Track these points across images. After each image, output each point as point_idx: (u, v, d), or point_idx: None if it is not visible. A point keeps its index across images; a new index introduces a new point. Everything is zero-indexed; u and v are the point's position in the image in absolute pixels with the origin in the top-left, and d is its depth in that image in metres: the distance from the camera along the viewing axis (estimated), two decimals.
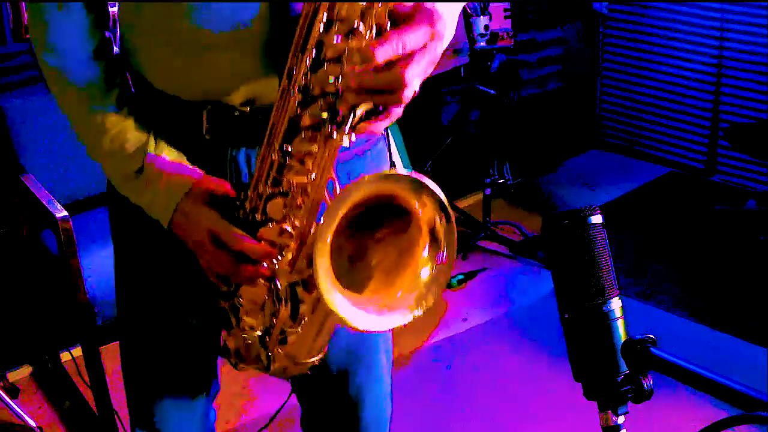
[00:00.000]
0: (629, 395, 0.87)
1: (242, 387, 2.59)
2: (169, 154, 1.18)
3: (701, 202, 3.73)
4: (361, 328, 1.03)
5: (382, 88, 0.99)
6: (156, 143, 1.18)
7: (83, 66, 1.16)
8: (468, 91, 3.53)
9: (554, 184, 3.95)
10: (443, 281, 1.07)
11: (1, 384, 2.50)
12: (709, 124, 3.90)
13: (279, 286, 1.14)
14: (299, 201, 1.09)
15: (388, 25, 0.99)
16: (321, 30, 0.99)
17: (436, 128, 3.66)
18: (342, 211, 1.01)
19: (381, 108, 1.04)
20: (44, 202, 2.19)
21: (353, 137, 1.03)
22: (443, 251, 1.06)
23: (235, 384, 2.59)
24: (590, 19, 4.15)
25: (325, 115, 1.03)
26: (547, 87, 4.08)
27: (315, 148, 1.05)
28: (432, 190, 1.02)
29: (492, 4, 3.25)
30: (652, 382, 0.86)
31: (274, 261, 1.12)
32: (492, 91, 3.34)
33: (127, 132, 1.17)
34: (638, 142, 4.18)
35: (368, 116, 1.06)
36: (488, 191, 3.43)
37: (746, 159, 3.73)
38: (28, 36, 2.65)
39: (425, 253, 1.06)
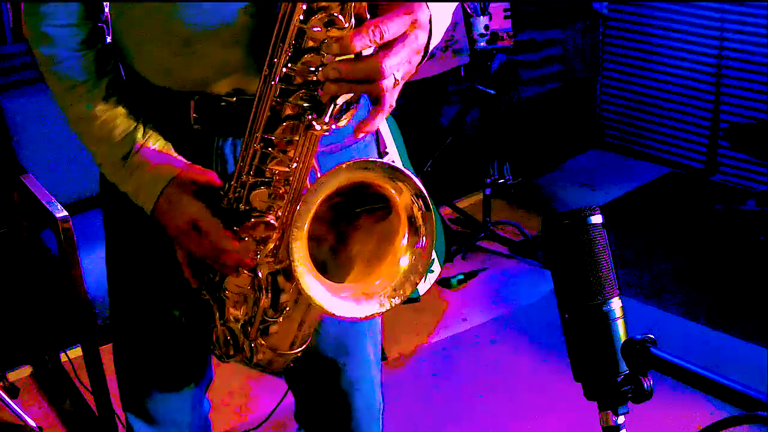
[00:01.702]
0: (629, 395, 0.87)
1: (241, 387, 2.59)
2: (157, 143, 1.20)
3: (701, 202, 3.73)
4: (337, 314, 1.05)
5: (360, 78, 0.99)
6: (144, 131, 1.20)
7: (75, 54, 1.19)
8: (468, 91, 3.54)
9: (554, 184, 3.95)
10: (422, 270, 1.07)
11: (1, 384, 2.50)
12: (709, 124, 3.90)
13: (260, 276, 1.15)
14: (282, 191, 1.11)
15: (368, 17, 1.00)
16: (301, 18, 1.00)
17: (436, 128, 3.66)
18: (319, 198, 1.02)
19: (368, 102, 1.05)
20: (44, 202, 2.19)
21: (333, 126, 1.05)
22: (422, 239, 1.07)
23: (234, 384, 2.59)
24: (590, 19, 4.15)
25: (305, 104, 1.04)
26: (547, 87, 4.08)
27: (296, 138, 1.07)
28: (410, 178, 1.03)
29: (492, 4, 3.25)
30: (652, 382, 0.86)
31: (257, 251, 1.14)
32: (492, 91, 3.34)
33: (116, 119, 1.20)
34: (638, 142, 4.18)
35: (348, 108, 1.07)
36: (488, 191, 3.43)
37: (746, 159, 3.73)
38: None
39: (404, 241, 1.07)
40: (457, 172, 3.67)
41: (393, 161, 3.01)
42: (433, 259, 3.09)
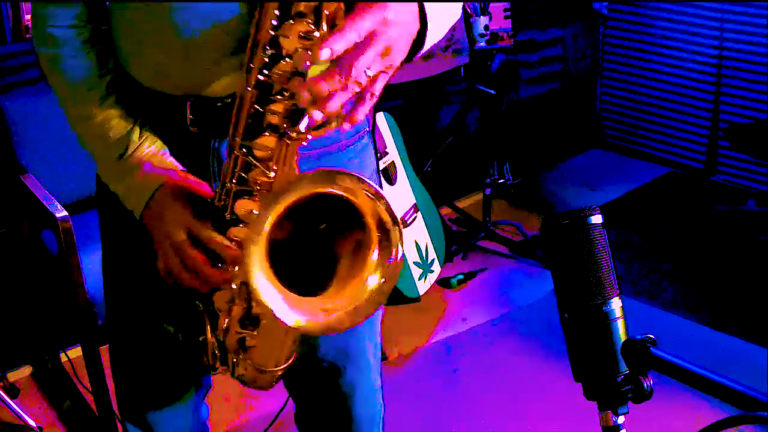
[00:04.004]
0: (629, 395, 0.87)
1: (242, 387, 2.59)
2: (152, 145, 1.20)
3: (701, 202, 3.73)
4: (287, 323, 1.02)
5: (329, 92, 0.98)
6: (141, 133, 1.21)
7: (77, 53, 1.20)
8: (468, 91, 3.54)
9: (554, 184, 3.95)
10: (387, 290, 1.05)
11: (1, 384, 2.50)
12: (709, 124, 3.90)
13: (233, 286, 1.15)
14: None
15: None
16: (274, 24, 1.00)
17: (436, 128, 3.66)
18: (281, 204, 1.00)
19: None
20: (44, 202, 2.19)
21: (310, 137, 1.04)
22: (393, 255, 1.05)
23: (235, 384, 2.58)
24: (590, 19, 4.15)
25: (281, 112, 1.04)
26: (547, 87, 4.08)
27: (275, 145, 1.07)
28: (375, 189, 1.01)
29: (492, 4, 3.25)
30: (652, 382, 0.86)
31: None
32: (492, 91, 3.34)
33: (113, 119, 1.20)
34: (638, 142, 4.18)
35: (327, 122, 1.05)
36: (488, 191, 3.43)
37: (746, 159, 3.73)
38: (28, 36, 2.66)
39: (375, 257, 1.05)
40: (457, 172, 3.67)
41: (392, 161, 3.02)
42: (433, 259, 3.09)
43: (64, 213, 2.12)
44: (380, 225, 1.03)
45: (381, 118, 3.00)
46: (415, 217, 3.04)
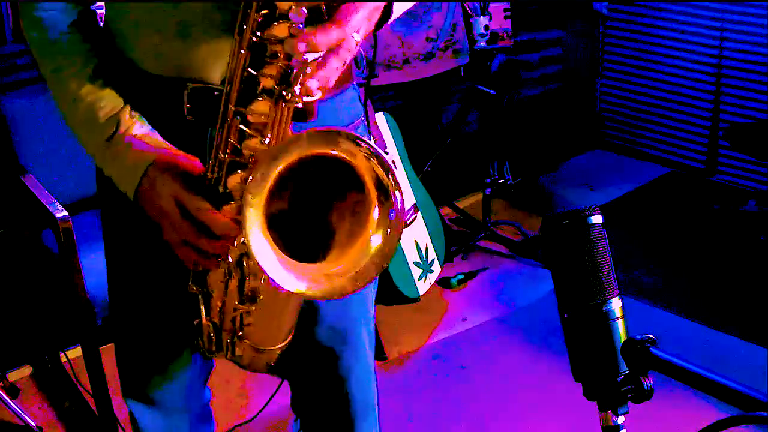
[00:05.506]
0: (629, 395, 0.87)
1: (241, 387, 2.59)
2: (143, 126, 1.20)
3: (701, 202, 3.73)
4: (289, 289, 1.00)
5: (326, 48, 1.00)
6: (131, 113, 1.20)
7: (64, 36, 1.20)
8: (468, 91, 3.54)
9: (554, 184, 3.95)
10: (388, 252, 1.04)
11: (1, 384, 2.50)
12: (709, 124, 3.90)
13: (230, 259, 1.13)
14: None
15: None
16: None
17: (436, 128, 3.66)
18: (277, 166, 0.98)
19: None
20: (44, 202, 2.19)
21: (305, 99, 1.03)
22: (393, 208, 1.02)
23: (234, 384, 2.59)
24: (590, 19, 4.15)
25: (277, 75, 1.02)
26: (547, 87, 4.08)
27: (269, 111, 1.04)
28: (372, 146, 1.00)
29: (492, 4, 3.25)
30: (652, 382, 0.86)
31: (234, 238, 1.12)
32: (492, 91, 3.34)
33: (102, 101, 1.20)
34: (638, 142, 4.18)
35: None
36: (488, 191, 3.43)
37: (746, 159, 3.73)
38: None
39: (376, 214, 1.03)
40: (457, 172, 3.67)
41: (393, 161, 3.01)
42: (433, 259, 3.09)
43: (64, 213, 2.12)
44: (378, 182, 1.01)
45: (381, 118, 2.99)
46: (415, 217, 3.04)
